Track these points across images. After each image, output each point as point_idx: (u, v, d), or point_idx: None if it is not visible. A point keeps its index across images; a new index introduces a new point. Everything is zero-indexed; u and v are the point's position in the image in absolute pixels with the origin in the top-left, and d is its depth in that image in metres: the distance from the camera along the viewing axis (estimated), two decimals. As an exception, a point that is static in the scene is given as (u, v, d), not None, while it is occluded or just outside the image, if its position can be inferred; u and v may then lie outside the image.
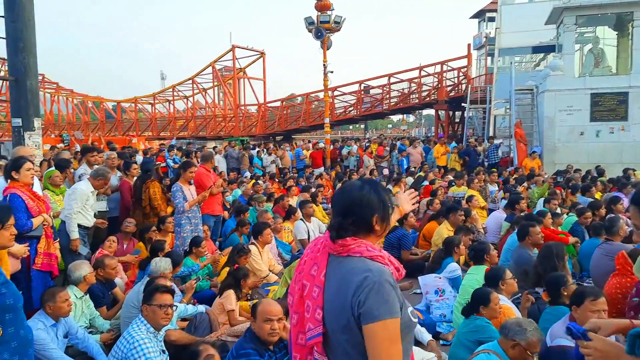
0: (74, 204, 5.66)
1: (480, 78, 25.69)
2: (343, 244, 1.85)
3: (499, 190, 10.77)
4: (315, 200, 9.72)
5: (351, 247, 1.85)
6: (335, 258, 1.86)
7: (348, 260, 1.83)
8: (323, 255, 1.90)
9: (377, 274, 1.77)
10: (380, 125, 75.78)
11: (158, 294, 3.53)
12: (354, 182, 2.01)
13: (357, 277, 1.76)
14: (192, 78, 35.00)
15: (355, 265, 1.80)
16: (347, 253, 1.84)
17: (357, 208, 1.88)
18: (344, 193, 1.96)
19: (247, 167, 16.39)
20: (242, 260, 5.61)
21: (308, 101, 29.53)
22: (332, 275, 1.84)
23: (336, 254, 1.86)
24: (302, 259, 2.01)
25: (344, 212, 1.88)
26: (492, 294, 3.78)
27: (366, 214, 1.89)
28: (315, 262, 1.91)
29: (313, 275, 1.89)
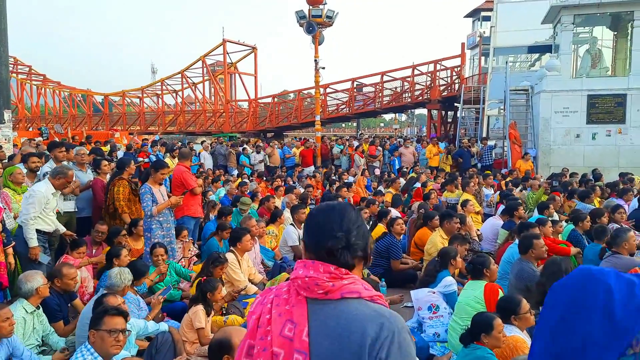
0: (31, 208, 5.13)
1: (474, 78, 25.30)
2: (334, 280, 1.37)
3: (494, 194, 10.34)
4: (305, 203, 9.23)
5: (345, 285, 1.38)
6: (318, 305, 1.38)
7: (343, 305, 1.36)
8: (298, 304, 1.39)
9: (394, 321, 1.35)
10: (373, 124, 75.44)
11: (107, 318, 3.03)
12: (338, 202, 1.57)
13: (368, 327, 1.32)
14: (181, 72, 34.32)
15: (359, 311, 1.35)
16: (340, 294, 1.37)
17: (356, 231, 1.45)
18: (336, 210, 1.49)
19: (235, 165, 15.86)
20: (218, 271, 5.10)
21: (300, 98, 29.02)
22: (320, 331, 1.35)
23: (321, 297, 1.37)
24: (258, 316, 1.45)
25: (338, 235, 1.42)
26: (495, 320, 3.31)
27: (365, 239, 1.47)
28: (288, 317, 1.39)
29: (289, 338, 1.36)
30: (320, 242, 1.43)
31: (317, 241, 1.44)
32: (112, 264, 5.11)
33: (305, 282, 1.39)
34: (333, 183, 11.71)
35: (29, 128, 33.91)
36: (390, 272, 6.44)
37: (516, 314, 3.59)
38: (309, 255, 1.46)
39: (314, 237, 1.46)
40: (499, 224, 7.46)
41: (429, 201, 8.76)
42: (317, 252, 1.43)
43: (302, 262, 1.44)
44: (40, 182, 5.60)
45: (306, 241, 1.49)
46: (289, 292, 1.44)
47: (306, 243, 1.49)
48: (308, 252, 1.47)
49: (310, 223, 1.50)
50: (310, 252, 1.45)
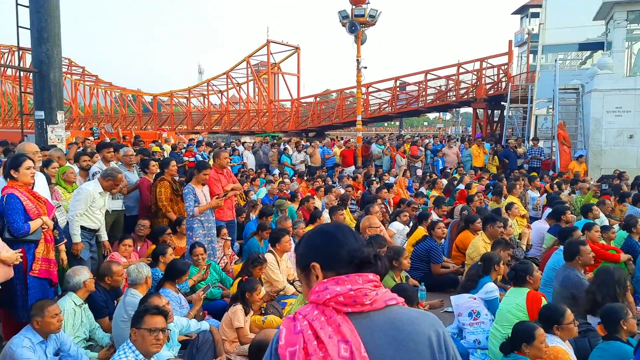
0: (77, 206, 5.35)
1: (522, 76, 24.59)
2: (377, 289, 1.39)
3: (540, 197, 10.01)
4: (345, 204, 9.21)
5: (385, 293, 1.40)
6: (363, 318, 1.36)
7: (391, 313, 1.37)
8: (344, 322, 1.35)
9: (436, 320, 1.44)
10: (416, 123, 74.59)
11: (148, 317, 3.12)
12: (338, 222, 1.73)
13: (426, 329, 1.37)
14: (226, 73, 34.92)
15: (410, 316, 1.39)
16: (384, 302, 1.38)
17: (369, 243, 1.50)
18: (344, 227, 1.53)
19: (277, 165, 16.01)
20: (257, 271, 5.17)
21: (342, 97, 29.00)
22: (379, 343, 1.33)
23: (366, 309, 1.36)
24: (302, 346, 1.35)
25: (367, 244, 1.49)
26: (537, 330, 3.21)
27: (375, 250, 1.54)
28: (339, 338, 1.33)
29: (348, 358, 1.31)
30: (346, 256, 1.42)
31: (342, 256, 1.42)
32: (158, 262, 5.27)
33: (350, 296, 1.36)
34: (372, 183, 11.64)
35: (81, 128, 35.27)
36: (430, 276, 6.34)
37: (559, 323, 3.47)
38: (327, 274, 1.43)
39: (337, 254, 1.44)
40: (545, 228, 7.23)
41: (472, 204, 8.57)
42: (343, 267, 1.41)
43: (332, 280, 1.39)
44: (90, 181, 5.82)
45: (323, 261, 1.45)
46: (323, 313, 1.38)
47: (323, 263, 1.45)
48: (327, 271, 1.43)
49: (326, 242, 1.48)
50: (329, 271, 1.43)
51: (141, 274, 4.43)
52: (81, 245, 5.37)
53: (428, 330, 1.36)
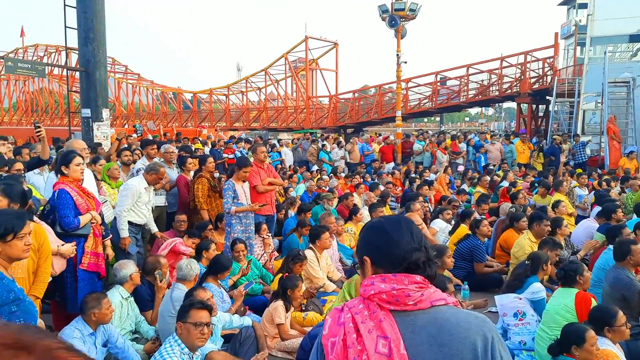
0: (125, 201, 5.51)
1: (568, 69, 23.73)
2: (422, 290, 1.37)
3: (588, 195, 9.65)
4: (385, 201, 9.13)
5: (432, 294, 1.38)
6: (408, 316, 1.35)
7: (437, 313, 1.35)
8: (386, 318, 1.35)
9: (488, 322, 1.37)
10: (457, 119, 73.30)
11: (193, 311, 3.16)
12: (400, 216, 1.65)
13: (472, 332, 1.32)
14: (265, 69, 35.18)
15: (457, 317, 1.34)
16: (430, 302, 1.36)
17: (426, 245, 1.47)
18: (403, 224, 1.48)
19: (315, 161, 16.02)
20: (297, 267, 5.18)
21: (381, 93, 28.75)
22: (419, 341, 1.32)
23: (410, 308, 1.35)
24: (342, 338, 1.38)
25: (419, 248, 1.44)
26: (587, 332, 3.09)
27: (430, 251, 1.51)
28: (379, 333, 1.34)
29: (385, 355, 1.32)
30: (399, 256, 1.40)
31: (394, 255, 1.42)
32: (202, 257, 5.36)
33: (393, 295, 1.36)
34: (413, 181, 11.48)
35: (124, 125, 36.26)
36: (473, 275, 6.21)
37: (610, 325, 3.33)
38: (377, 270, 1.44)
39: (389, 252, 1.43)
40: (593, 227, 6.96)
41: (517, 201, 8.33)
42: (394, 266, 1.41)
43: (379, 277, 1.40)
44: (135, 177, 5.97)
45: (375, 256, 1.46)
46: (368, 308, 1.39)
47: (375, 258, 1.46)
48: (378, 267, 1.44)
49: (380, 237, 1.47)
50: (382, 267, 1.43)
51: (192, 271, 4.52)
52: (129, 240, 5.52)
53: (474, 334, 1.31)
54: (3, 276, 2.44)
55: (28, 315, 2.48)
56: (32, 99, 43.11)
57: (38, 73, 10.23)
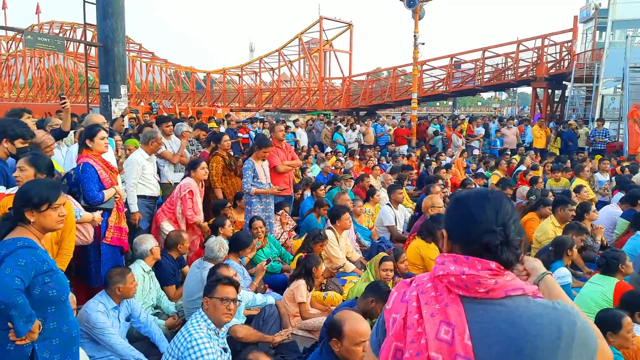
0: (130, 176, 5.48)
1: (587, 54, 23.30)
2: (496, 277, 1.25)
3: (609, 181, 9.51)
4: (402, 183, 9.06)
5: (508, 282, 1.25)
6: (478, 305, 1.25)
7: (511, 305, 1.23)
8: (453, 303, 1.26)
9: (570, 316, 1.23)
10: (469, 103, 72.56)
11: (220, 286, 3.14)
12: (492, 190, 1.44)
13: (549, 329, 1.19)
14: (278, 50, 34.92)
15: (534, 312, 1.21)
16: (505, 292, 1.24)
17: (513, 226, 1.32)
18: (491, 200, 1.35)
19: (330, 143, 15.94)
20: (318, 247, 5.16)
21: (395, 75, 28.46)
22: (487, 334, 1.21)
23: (481, 296, 1.24)
24: (403, 317, 1.32)
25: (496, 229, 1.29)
26: (624, 319, 3.03)
27: (521, 235, 1.34)
28: (442, 318, 1.25)
29: (447, 342, 1.23)
30: (474, 236, 1.29)
31: (469, 233, 1.31)
32: (218, 233, 5.33)
33: (462, 279, 1.26)
34: (429, 164, 11.38)
35: (139, 103, 36.29)
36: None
37: None
38: (453, 246, 1.34)
39: (465, 229, 1.32)
40: (617, 212, 6.85)
41: (537, 185, 8.24)
42: (466, 244, 1.31)
43: (452, 257, 1.31)
44: (135, 151, 5.91)
45: (451, 231, 1.37)
46: (435, 288, 1.31)
47: (452, 233, 1.36)
48: (453, 243, 1.35)
49: (460, 212, 1.36)
50: (457, 244, 1.33)
51: (221, 252, 4.48)
52: (139, 215, 5.50)
53: (550, 332, 1.18)
54: (37, 246, 2.43)
55: (61, 287, 2.47)
56: (48, 75, 43.23)
57: (57, 48, 10.20)
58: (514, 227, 1.30)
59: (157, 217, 5.66)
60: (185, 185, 5.54)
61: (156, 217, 5.68)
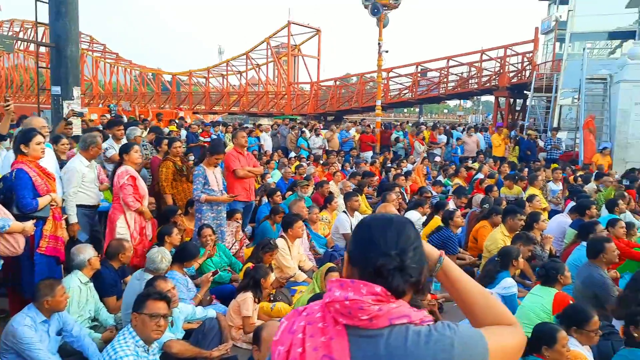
0: (69, 185, 5.17)
1: (547, 64, 23.95)
2: (380, 303, 1.17)
3: (562, 190, 9.71)
4: (361, 190, 9.03)
5: (393, 310, 1.18)
6: (362, 337, 1.17)
7: (396, 337, 1.16)
8: (337, 336, 1.18)
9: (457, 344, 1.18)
10: (436, 110, 73.63)
11: (150, 302, 3.01)
12: (397, 215, 1.39)
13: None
14: (246, 53, 34.71)
15: (418, 345, 1.15)
16: (388, 320, 1.17)
17: (412, 252, 1.24)
18: (393, 224, 1.28)
19: (294, 148, 15.86)
20: (267, 257, 5.06)
21: (362, 81, 28.63)
22: None
23: (365, 325, 1.17)
24: (287, 349, 1.23)
25: (391, 254, 1.22)
26: (559, 333, 3.02)
27: (421, 264, 1.26)
28: (325, 352, 1.18)
29: None
30: (369, 258, 1.22)
31: (366, 256, 1.23)
32: (164, 243, 5.15)
33: (345, 306, 1.18)
34: (389, 170, 11.42)
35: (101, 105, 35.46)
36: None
37: (581, 327, 3.27)
38: (351, 269, 1.27)
39: (362, 251, 1.26)
40: (566, 222, 6.97)
41: (491, 194, 8.34)
42: (362, 268, 1.24)
43: (339, 282, 1.23)
44: (73, 157, 5.64)
45: (351, 253, 1.30)
46: (324, 318, 1.23)
47: (351, 256, 1.29)
48: (353, 267, 1.27)
49: (361, 234, 1.30)
50: (354, 267, 1.26)
51: (163, 263, 4.31)
52: (77, 226, 5.24)
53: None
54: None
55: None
56: (7, 75, 41.85)
57: (5, 47, 9.80)
58: (414, 254, 1.24)
59: (111, 217, 5.38)
60: (123, 172, 5.23)
61: (110, 216, 5.40)
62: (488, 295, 1.39)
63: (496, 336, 1.25)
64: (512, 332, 1.31)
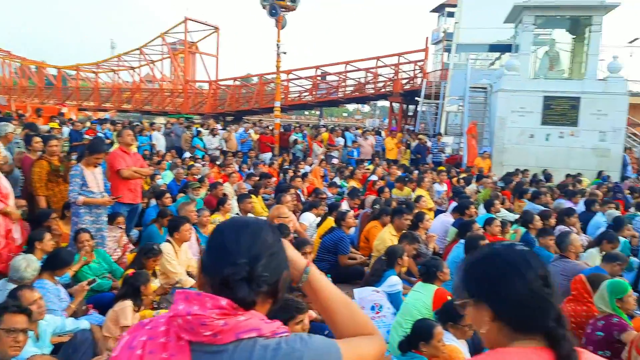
0: None
1: (436, 73, 25.44)
2: (226, 317, 1.08)
3: (447, 191, 10.31)
4: (257, 192, 8.93)
5: (241, 323, 1.10)
6: (206, 354, 1.09)
7: (241, 354, 1.08)
8: (179, 353, 1.09)
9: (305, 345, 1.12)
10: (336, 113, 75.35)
11: (7, 315, 2.70)
12: (256, 219, 1.30)
13: None
14: (140, 48, 33.16)
15: (253, 356, 1.08)
16: (235, 335, 1.09)
17: (266, 260, 1.16)
18: (249, 229, 1.20)
19: (188, 148, 15.37)
20: (151, 263, 4.78)
21: (262, 82, 28.45)
22: None
23: (209, 340, 1.08)
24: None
25: (239, 262, 1.13)
26: (435, 329, 3.15)
27: (277, 271, 1.19)
28: None
29: None
30: (217, 268, 1.14)
31: (215, 265, 1.15)
32: (35, 249, 4.69)
33: (187, 321, 1.08)
34: (286, 172, 11.44)
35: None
36: (337, 267, 6.25)
37: (455, 322, 3.43)
38: (203, 279, 1.18)
39: (213, 259, 1.17)
40: (449, 221, 7.38)
41: (383, 195, 8.64)
42: (212, 278, 1.15)
43: (185, 294, 1.12)
44: None
45: (203, 260, 1.20)
46: (167, 333, 1.12)
47: (203, 263, 1.20)
48: (203, 275, 1.19)
49: (213, 240, 1.21)
50: (206, 276, 1.18)
51: (28, 272, 3.89)
52: None
53: None
54: None
55: None
56: None
57: None
58: (268, 261, 1.16)
59: None
60: None
61: None
62: (352, 306, 1.37)
63: (352, 347, 1.23)
64: (370, 341, 1.29)
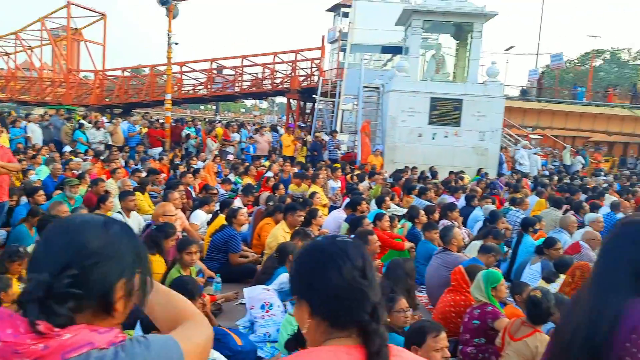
0: None
1: (332, 72, 25.90)
2: (46, 340, 0.92)
3: (342, 188, 10.49)
4: (143, 188, 8.43)
5: (67, 341, 0.94)
6: None
7: None
8: None
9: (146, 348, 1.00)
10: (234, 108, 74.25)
11: None
12: (84, 216, 1.13)
13: None
14: (16, 33, 30.16)
15: None
16: (61, 356, 0.93)
17: (81, 269, 0.98)
18: (70, 230, 1.03)
19: (69, 142, 14.21)
20: (15, 266, 4.29)
21: (153, 74, 27.13)
22: None
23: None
24: None
25: (62, 270, 0.96)
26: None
27: (101, 283, 1.02)
28: None
29: None
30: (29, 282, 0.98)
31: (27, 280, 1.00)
32: None
33: (9, 344, 0.92)
34: (177, 168, 10.99)
35: None
36: (228, 266, 6.06)
37: None
38: None
39: (28, 272, 1.02)
40: (342, 217, 7.49)
41: (278, 192, 8.57)
42: None
43: (7, 314, 0.96)
44: None
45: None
46: None
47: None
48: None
49: (35, 248, 1.06)
50: None
51: None
52: None
53: None
54: None
55: None
56: None
57: None
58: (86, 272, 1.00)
59: None
60: None
61: None
62: (169, 293, 1.30)
63: (187, 338, 1.14)
64: (198, 327, 1.22)
